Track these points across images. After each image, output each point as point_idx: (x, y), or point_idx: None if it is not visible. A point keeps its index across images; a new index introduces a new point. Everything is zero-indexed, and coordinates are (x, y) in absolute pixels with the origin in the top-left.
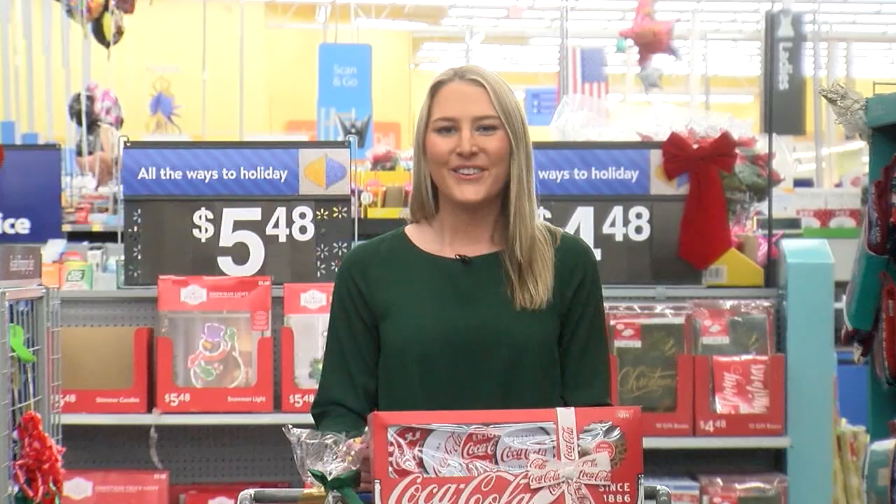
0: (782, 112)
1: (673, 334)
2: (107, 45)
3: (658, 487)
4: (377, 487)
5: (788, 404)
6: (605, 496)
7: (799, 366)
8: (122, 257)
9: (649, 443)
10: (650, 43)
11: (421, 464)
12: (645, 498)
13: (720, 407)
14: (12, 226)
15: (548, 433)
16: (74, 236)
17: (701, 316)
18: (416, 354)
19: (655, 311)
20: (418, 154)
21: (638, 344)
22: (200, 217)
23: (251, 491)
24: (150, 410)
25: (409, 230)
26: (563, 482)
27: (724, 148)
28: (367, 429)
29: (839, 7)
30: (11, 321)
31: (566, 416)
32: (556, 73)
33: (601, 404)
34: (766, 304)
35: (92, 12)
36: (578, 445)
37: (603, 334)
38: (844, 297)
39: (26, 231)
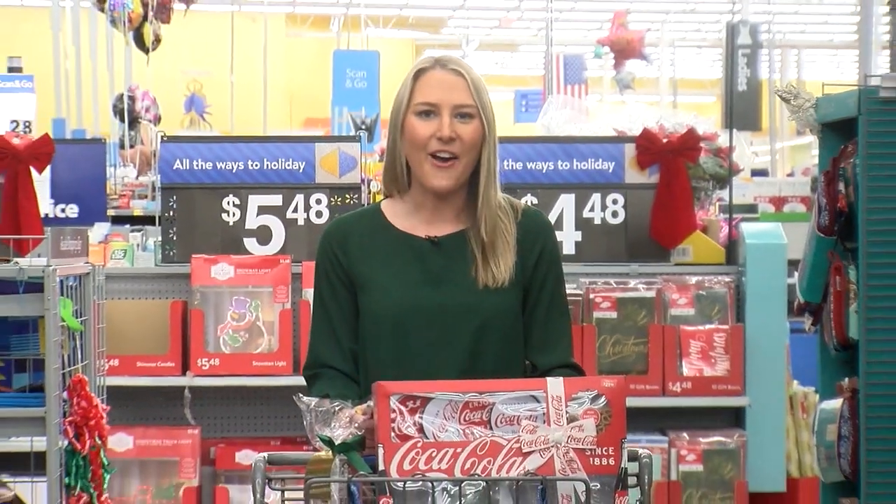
0: (741, 110)
1: (645, 306)
2: (146, 51)
3: (640, 451)
4: (380, 451)
5: (747, 368)
6: (591, 459)
7: (756, 334)
8: (160, 238)
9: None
10: (624, 50)
11: (421, 429)
12: (628, 460)
13: (686, 370)
14: (62, 210)
15: (538, 401)
16: (117, 220)
17: (669, 290)
18: (389, 326)
19: (629, 286)
20: (395, 132)
21: (614, 315)
22: (228, 203)
23: (264, 454)
24: (184, 373)
25: (385, 206)
26: (552, 446)
27: (689, 142)
28: (371, 399)
29: (791, 18)
30: (62, 294)
31: (555, 385)
32: (542, 77)
33: (566, 364)
34: (727, 279)
35: (133, 22)
36: (567, 412)
37: (564, 300)
38: (797, 274)
39: (75, 215)
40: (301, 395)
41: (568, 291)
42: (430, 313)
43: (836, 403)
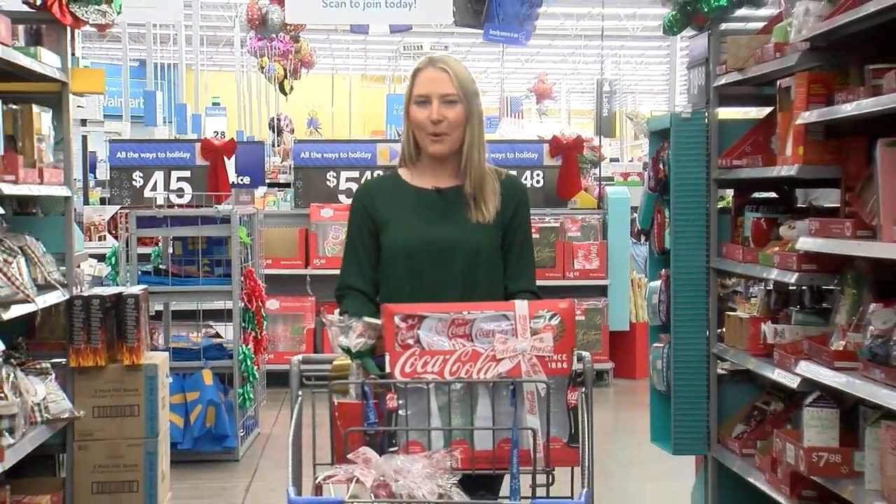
0: (605, 126)
1: (554, 231)
2: (285, 94)
3: (583, 353)
4: (387, 357)
5: (609, 264)
6: (549, 364)
7: (613, 246)
8: (293, 195)
9: (541, 283)
10: (542, 93)
11: (418, 341)
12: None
13: (576, 266)
14: (241, 179)
15: (508, 319)
16: (271, 185)
17: (567, 223)
18: (402, 255)
19: (545, 221)
20: (405, 118)
21: (538, 236)
22: (330, 175)
23: (300, 356)
24: (306, 267)
25: (401, 171)
26: (519, 354)
27: (578, 142)
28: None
29: (631, 77)
30: (240, 224)
31: (521, 306)
32: (498, 108)
33: (530, 290)
34: (598, 217)
35: (278, 79)
36: (530, 327)
37: (531, 240)
38: (637, 214)
39: (248, 182)
40: (325, 313)
41: None
42: (434, 244)
43: (658, 283)
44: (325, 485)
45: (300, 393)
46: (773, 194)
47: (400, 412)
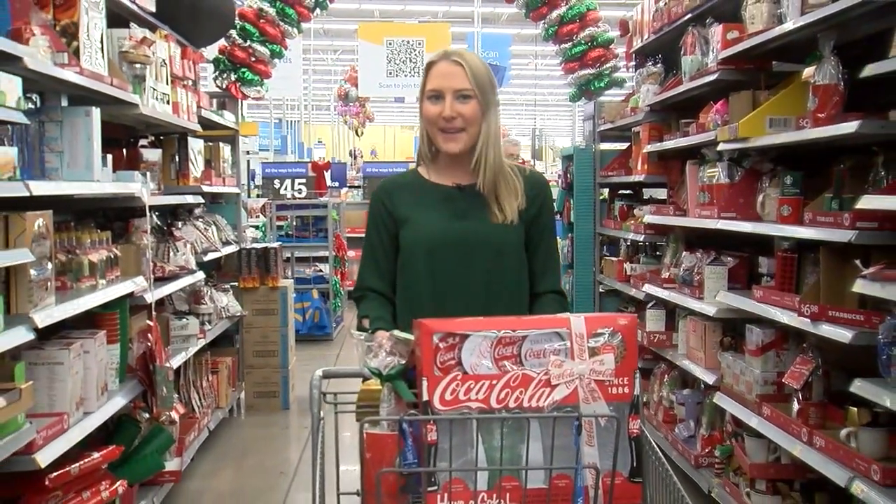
0: (537, 153)
1: None
2: (358, 136)
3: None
4: (424, 383)
5: None
6: (609, 389)
7: None
8: (362, 192)
9: None
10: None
11: (459, 363)
12: None
13: None
14: (333, 183)
15: (563, 338)
16: (350, 187)
17: None
18: (424, 251)
19: None
20: (420, 115)
21: None
22: (382, 182)
23: (321, 370)
24: None
25: (420, 168)
26: (576, 378)
27: (522, 164)
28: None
29: (552, 127)
30: (332, 208)
31: (577, 323)
32: None
33: (555, 290)
34: None
35: (353, 128)
36: (588, 347)
37: (555, 239)
38: (554, 202)
39: (337, 185)
40: (353, 332)
41: None
42: (455, 241)
43: (566, 241)
44: None
45: (322, 416)
46: (630, 191)
47: (441, 446)
